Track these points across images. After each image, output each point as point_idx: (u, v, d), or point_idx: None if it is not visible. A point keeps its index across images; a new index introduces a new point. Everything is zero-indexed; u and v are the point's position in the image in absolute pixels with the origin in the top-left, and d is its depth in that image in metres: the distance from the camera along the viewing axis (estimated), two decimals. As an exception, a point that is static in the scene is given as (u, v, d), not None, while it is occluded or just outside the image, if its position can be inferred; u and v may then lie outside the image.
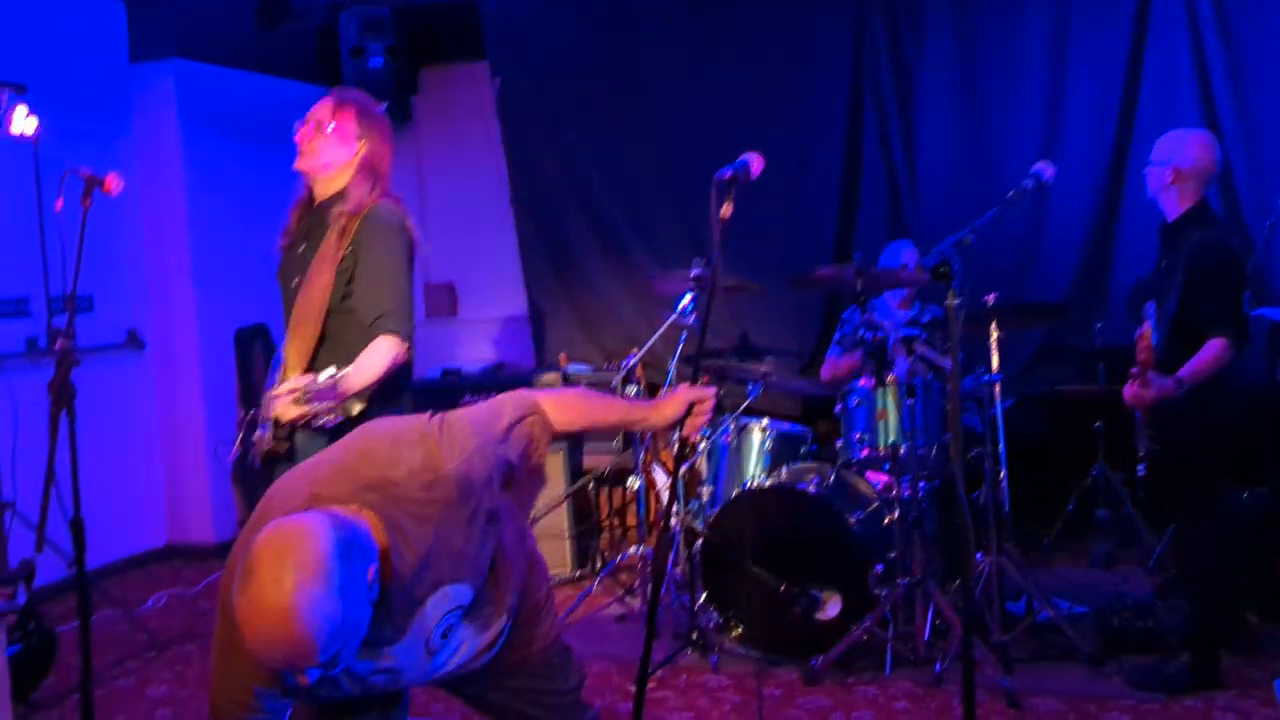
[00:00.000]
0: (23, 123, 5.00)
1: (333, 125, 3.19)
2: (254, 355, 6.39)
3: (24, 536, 4.37)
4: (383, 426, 2.13)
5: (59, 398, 2.93)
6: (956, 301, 2.49)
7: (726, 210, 2.39)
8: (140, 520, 6.13)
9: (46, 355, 5.35)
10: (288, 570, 1.71)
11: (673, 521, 4.58)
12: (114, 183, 3.21)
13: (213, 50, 6.25)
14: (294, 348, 3.09)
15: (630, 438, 5.33)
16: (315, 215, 3.24)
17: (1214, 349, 3.54)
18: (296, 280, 3.16)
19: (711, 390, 2.39)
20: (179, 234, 6.11)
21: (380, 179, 3.22)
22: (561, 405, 2.30)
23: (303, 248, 3.21)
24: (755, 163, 2.53)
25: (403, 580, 1.94)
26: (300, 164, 3.24)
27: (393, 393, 3.10)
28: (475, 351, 7.12)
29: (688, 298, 4.75)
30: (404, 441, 2.02)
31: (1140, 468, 4.02)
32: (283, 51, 6.71)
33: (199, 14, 6.18)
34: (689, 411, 2.38)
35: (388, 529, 1.92)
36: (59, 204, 3.39)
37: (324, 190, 3.24)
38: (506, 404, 2.22)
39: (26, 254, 5.36)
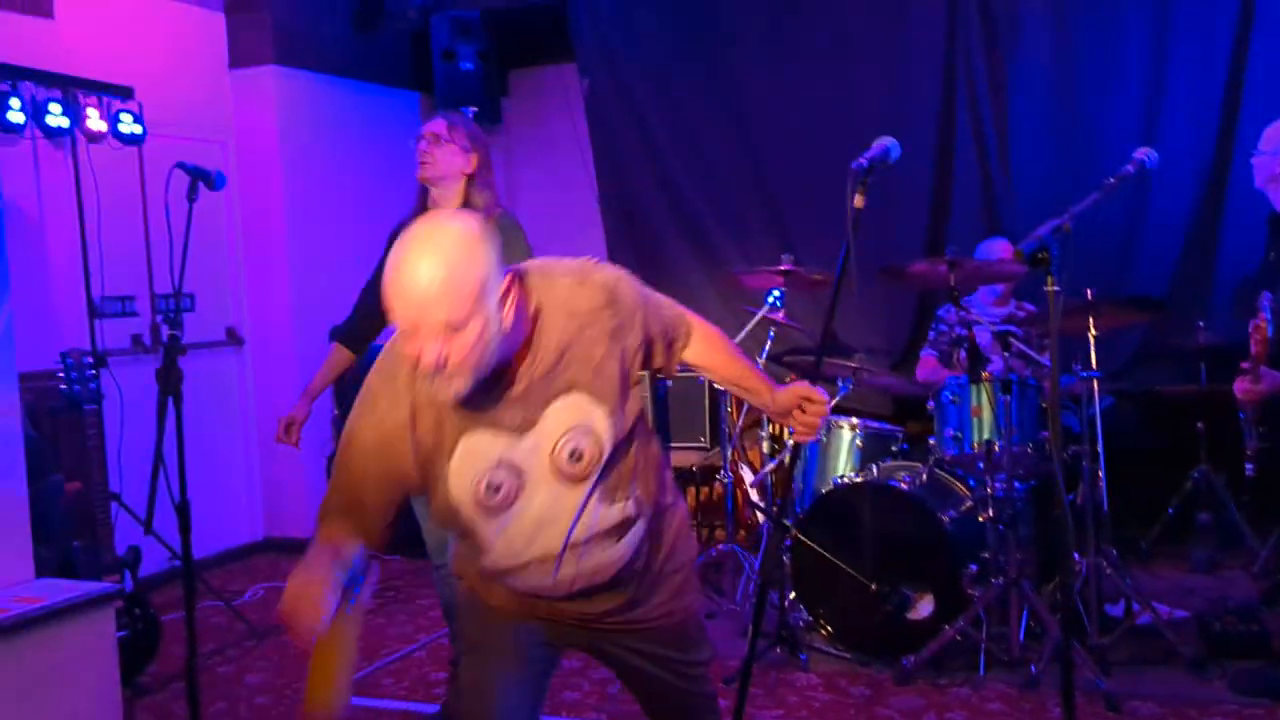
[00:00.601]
0: (129, 126, 5.19)
1: (449, 137, 3.41)
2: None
3: (129, 528, 4.52)
4: None
5: (166, 384, 3.01)
6: (1055, 289, 2.43)
7: (859, 201, 2.24)
8: (238, 514, 6.29)
9: (151, 352, 5.52)
10: (443, 228, 1.91)
11: (759, 516, 4.55)
12: (218, 178, 3.29)
13: (309, 57, 6.39)
14: None
15: (719, 435, 5.32)
16: None
17: None
18: None
19: (825, 395, 2.27)
20: (277, 234, 6.26)
21: (493, 188, 3.48)
22: (707, 333, 2.30)
23: None
24: (894, 149, 2.35)
25: (538, 361, 2.02)
26: (423, 174, 3.45)
27: None
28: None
29: (776, 292, 4.73)
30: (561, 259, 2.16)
31: (1249, 467, 3.90)
32: (375, 57, 6.84)
33: (295, 22, 6.32)
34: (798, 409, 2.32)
35: (535, 302, 2.01)
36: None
37: (443, 199, 3.46)
38: (665, 299, 2.26)
39: (132, 254, 5.54)
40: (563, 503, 2.08)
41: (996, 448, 4.16)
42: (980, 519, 4.18)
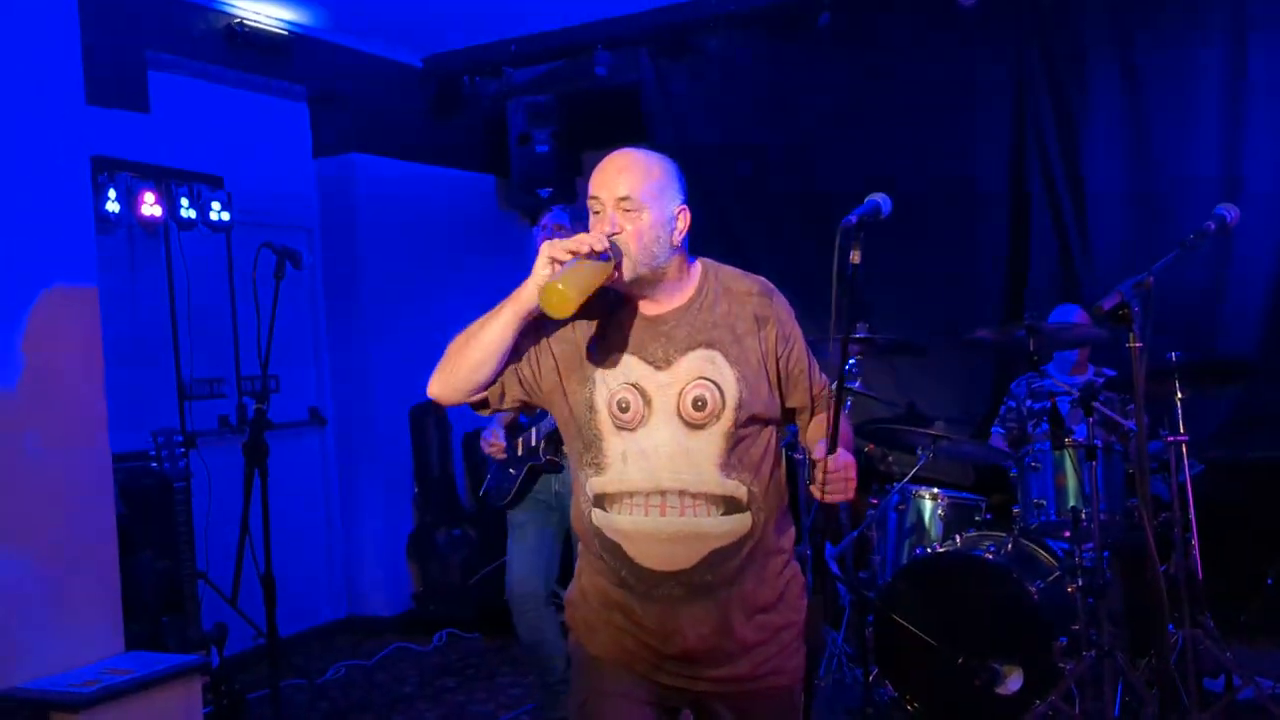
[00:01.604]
0: (218, 214, 5.37)
1: (573, 229, 3.83)
2: (428, 431, 6.60)
3: (214, 607, 4.59)
4: None
5: (253, 456, 3.08)
6: (1138, 345, 2.39)
7: (855, 257, 2.27)
8: (320, 593, 6.35)
9: (237, 432, 5.64)
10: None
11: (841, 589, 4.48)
12: (303, 257, 3.40)
13: (389, 143, 6.59)
14: None
15: (797, 506, 5.27)
16: None
17: None
18: None
19: (848, 461, 2.25)
20: (358, 316, 6.40)
21: None
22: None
23: None
24: (885, 204, 2.38)
25: (691, 312, 2.31)
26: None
27: None
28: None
29: (851, 360, 4.70)
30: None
31: None
32: (453, 141, 7.03)
33: (376, 110, 6.54)
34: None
35: (704, 271, 2.37)
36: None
37: None
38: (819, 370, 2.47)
39: (220, 338, 5.70)
40: (681, 445, 2.27)
41: (1083, 515, 4.06)
42: (1069, 589, 4.07)
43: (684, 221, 2.30)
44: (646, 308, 2.32)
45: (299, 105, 6.40)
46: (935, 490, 4.67)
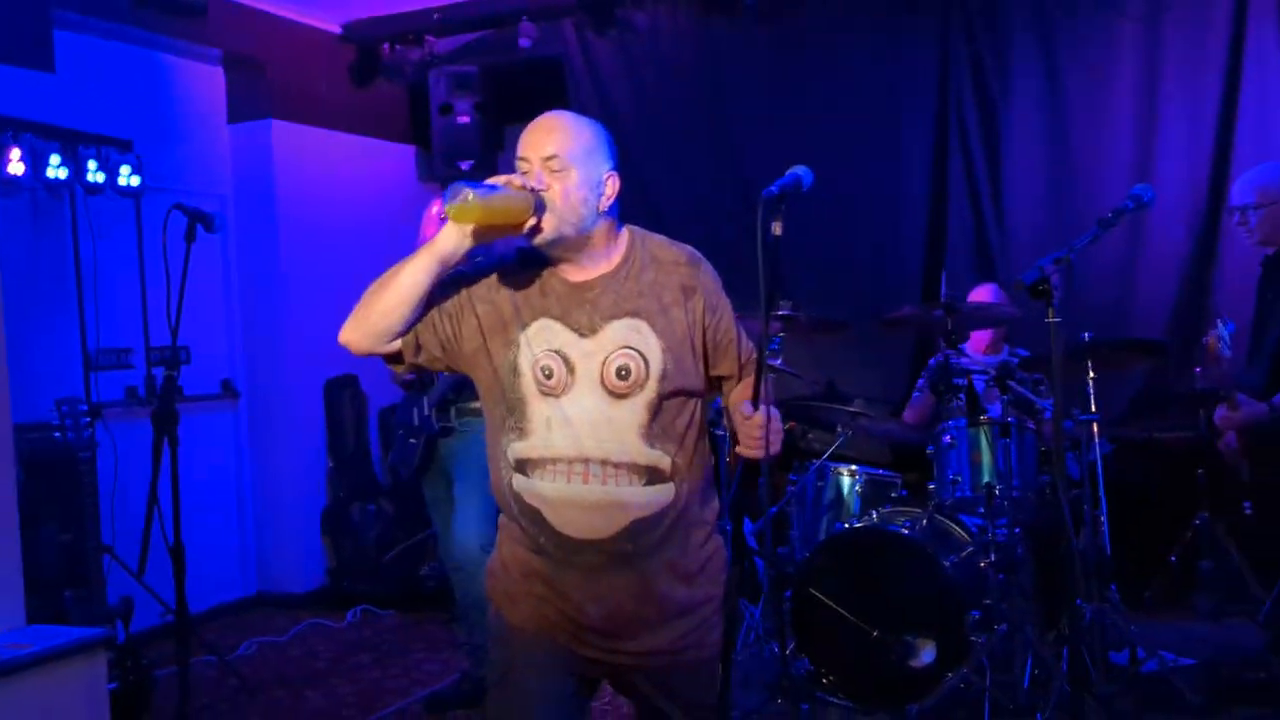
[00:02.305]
0: (127, 178, 5.21)
1: None
2: (343, 405, 6.50)
3: (120, 582, 4.46)
4: None
5: (162, 426, 2.99)
6: (1056, 320, 2.42)
7: (777, 228, 2.27)
8: (232, 568, 6.23)
9: (145, 404, 5.49)
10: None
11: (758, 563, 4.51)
12: (215, 220, 3.30)
13: (306, 111, 6.44)
14: None
15: (717, 483, 5.29)
16: None
17: None
18: None
19: (774, 414, 2.26)
20: (272, 287, 6.26)
21: None
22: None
23: None
24: (806, 176, 2.37)
25: (617, 280, 2.28)
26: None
27: None
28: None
29: (775, 338, 4.72)
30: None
31: (1246, 505, 3.86)
32: (373, 110, 6.90)
33: (294, 77, 6.38)
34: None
35: (631, 240, 2.33)
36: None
37: None
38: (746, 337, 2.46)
39: (128, 307, 5.54)
40: (605, 413, 2.25)
41: (997, 492, 4.13)
42: (982, 565, 4.14)
43: (612, 188, 2.27)
44: (572, 274, 2.29)
45: (214, 69, 6.23)
46: (853, 467, 4.72)
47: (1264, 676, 3.94)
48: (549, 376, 2.26)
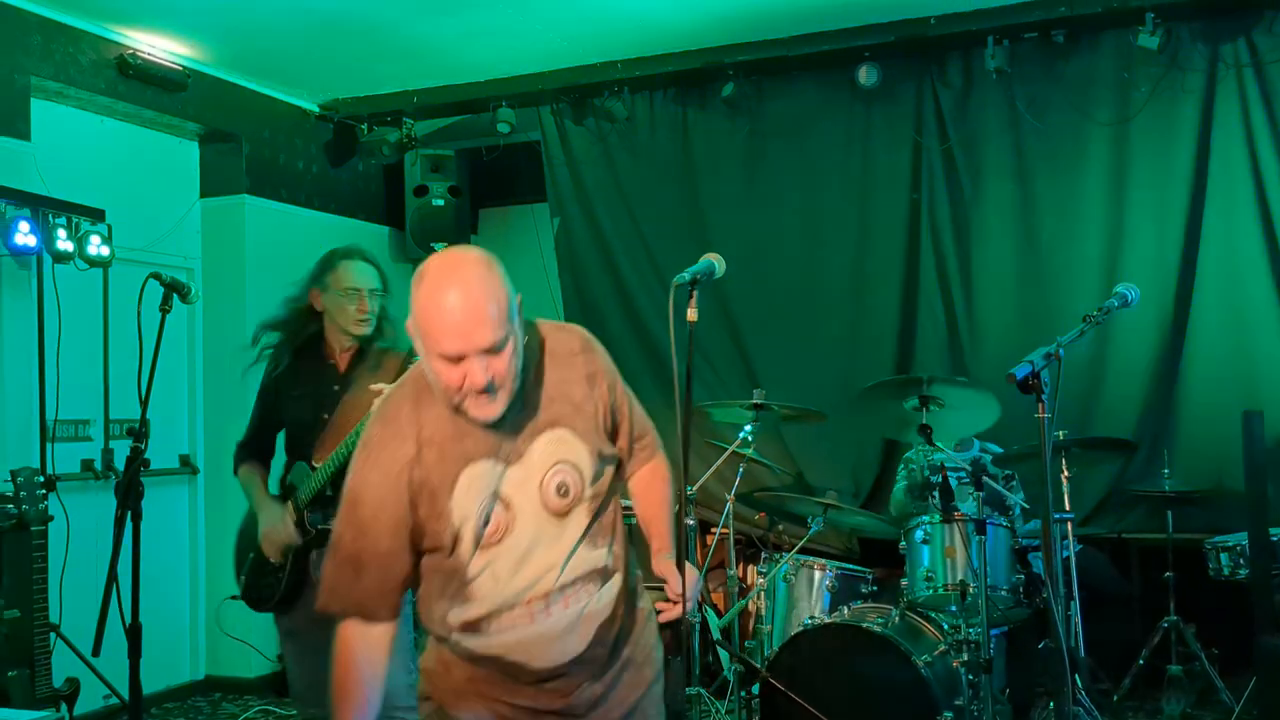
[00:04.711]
0: (97, 248, 5.14)
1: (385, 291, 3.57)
2: (305, 485, 6.36)
3: (66, 661, 4.30)
4: None
5: (126, 499, 2.91)
6: (1046, 416, 2.41)
7: (691, 315, 2.32)
8: (180, 651, 6.03)
9: (101, 478, 5.36)
10: (464, 257, 2.06)
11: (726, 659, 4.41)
12: (190, 292, 3.25)
13: (280, 187, 6.43)
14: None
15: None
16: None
17: None
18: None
19: (676, 610, 2.29)
20: (238, 363, 6.15)
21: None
22: (663, 466, 2.44)
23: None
24: (718, 265, 2.46)
25: (531, 395, 2.14)
26: (364, 330, 3.52)
27: None
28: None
29: (748, 427, 4.70)
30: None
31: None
32: (348, 189, 6.90)
33: (269, 152, 6.38)
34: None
35: (526, 340, 2.11)
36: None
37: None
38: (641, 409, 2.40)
39: (88, 378, 5.43)
40: (551, 536, 2.15)
41: (971, 589, 4.09)
42: (954, 664, 4.08)
43: (520, 307, 2.09)
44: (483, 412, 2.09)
45: (189, 143, 6.21)
46: (823, 561, 4.67)
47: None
48: (487, 524, 2.11)
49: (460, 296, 1.99)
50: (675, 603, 2.25)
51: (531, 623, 2.14)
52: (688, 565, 2.26)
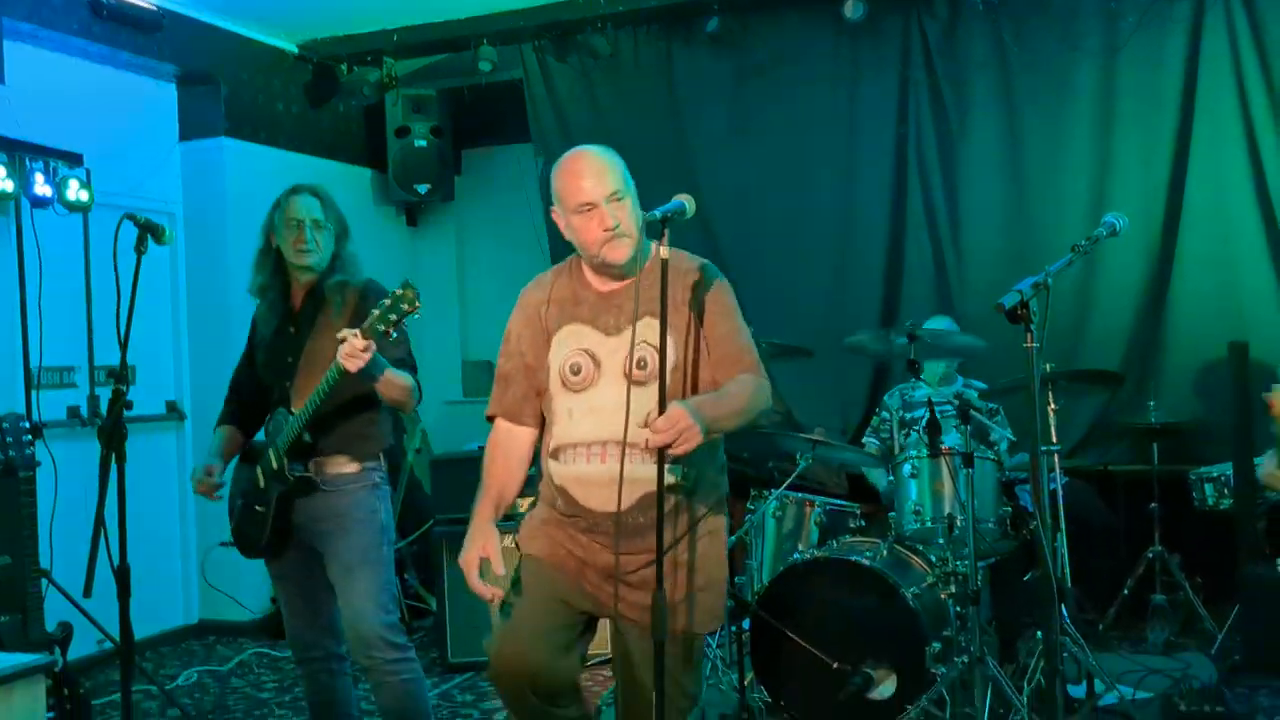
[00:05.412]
0: (76, 193, 5.08)
1: (327, 221, 3.54)
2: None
3: (56, 606, 4.30)
4: None
5: (110, 441, 2.90)
6: (1035, 345, 2.41)
7: (663, 251, 2.53)
8: (174, 596, 6.06)
9: (87, 425, 5.34)
10: (585, 145, 2.75)
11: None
12: (166, 232, 3.22)
13: (260, 130, 6.36)
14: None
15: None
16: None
17: None
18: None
19: (674, 412, 2.47)
20: (222, 307, 6.13)
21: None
22: (741, 379, 2.70)
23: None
24: (689, 205, 2.64)
25: (640, 286, 2.64)
26: (307, 260, 3.51)
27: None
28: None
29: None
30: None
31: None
32: (329, 131, 6.82)
33: (248, 95, 6.30)
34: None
35: (655, 252, 2.66)
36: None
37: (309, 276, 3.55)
38: (748, 344, 2.79)
39: (73, 324, 5.39)
40: (623, 401, 2.58)
41: (958, 522, 4.12)
42: (942, 596, 4.12)
43: (634, 187, 2.69)
44: (602, 285, 2.73)
45: (166, 85, 6.12)
46: (812, 497, 4.69)
47: (1220, 710, 3.94)
48: (576, 373, 2.67)
49: (587, 155, 2.68)
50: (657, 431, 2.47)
51: (588, 463, 2.64)
52: (677, 403, 2.48)
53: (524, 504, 3.13)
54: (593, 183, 2.61)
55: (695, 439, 2.42)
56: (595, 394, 2.64)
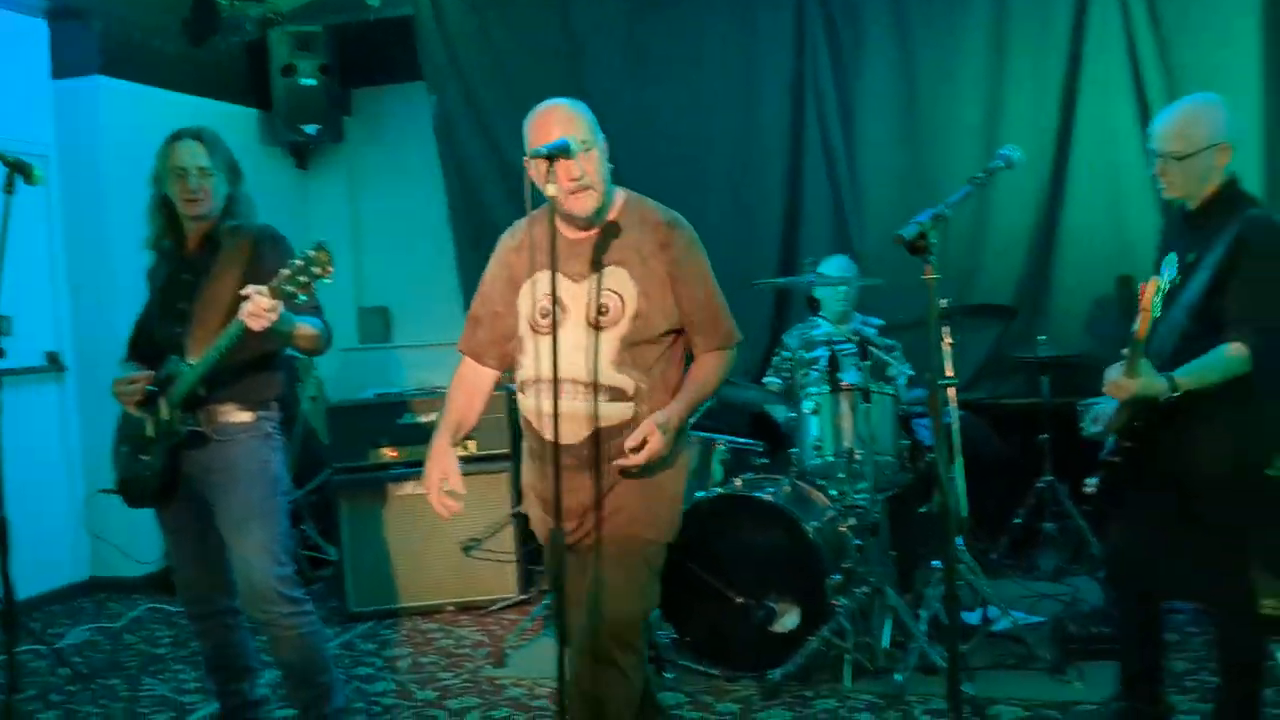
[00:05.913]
0: (-62, 134, 4.79)
1: (217, 166, 3.43)
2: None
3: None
4: None
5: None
6: (934, 277, 2.43)
7: (550, 189, 2.63)
8: (60, 555, 5.86)
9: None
10: (557, 99, 2.88)
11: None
12: (36, 172, 3.06)
13: (138, 67, 6.07)
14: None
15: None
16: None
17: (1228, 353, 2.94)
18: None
19: (647, 428, 2.72)
20: (102, 253, 5.89)
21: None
22: (709, 360, 2.94)
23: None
24: (575, 143, 2.71)
25: (607, 234, 2.82)
26: (198, 210, 3.42)
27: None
28: (410, 378, 6.95)
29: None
30: None
31: (1091, 481, 3.66)
32: (210, 70, 6.55)
33: (124, 31, 6.00)
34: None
35: (624, 201, 2.91)
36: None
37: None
38: (724, 310, 3.01)
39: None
40: (583, 343, 2.79)
41: (858, 456, 4.17)
42: (842, 528, 4.18)
43: (603, 140, 2.81)
44: (570, 233, 2.85)
45: (36, 20, 5.80)
46: (716, 436, 4.70)
47: (1107, 631, 4.08)
48: (544, 316, 2.81)
49: (555, 106, 2.82)
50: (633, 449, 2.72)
51: (548, 397, 2.76)
52: (650, 421, 2.71)
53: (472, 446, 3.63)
54: (560, 131, 2.70)
55: (666, 448, 2.73)
56: (560, 335, 2.75)
